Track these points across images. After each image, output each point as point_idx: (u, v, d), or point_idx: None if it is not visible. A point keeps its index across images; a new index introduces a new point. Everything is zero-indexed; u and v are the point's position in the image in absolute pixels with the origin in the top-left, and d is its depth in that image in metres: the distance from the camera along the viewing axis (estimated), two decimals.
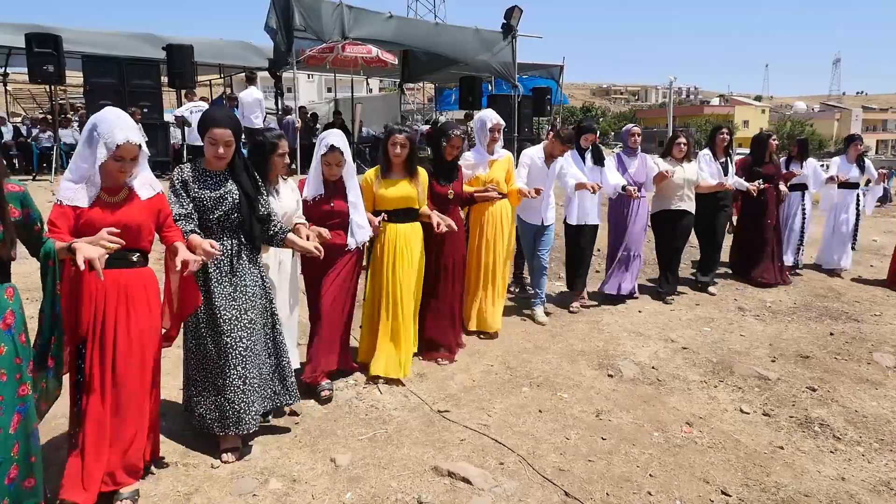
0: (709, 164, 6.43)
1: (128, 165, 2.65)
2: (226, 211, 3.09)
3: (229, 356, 3.11)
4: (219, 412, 3.14)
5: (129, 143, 2.60)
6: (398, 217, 4.22)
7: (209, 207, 3.07)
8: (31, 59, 9.28)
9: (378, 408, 3.83)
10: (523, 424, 3.66)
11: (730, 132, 6.58)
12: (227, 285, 3.12)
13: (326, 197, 3.89)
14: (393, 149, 4.13)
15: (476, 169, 4.95)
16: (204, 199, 3.07)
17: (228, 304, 3.12)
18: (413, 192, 4.21)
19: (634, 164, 6.04)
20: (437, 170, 4.56)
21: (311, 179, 3.90)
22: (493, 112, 5.10)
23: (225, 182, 3.12)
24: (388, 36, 11.65)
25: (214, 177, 3.12)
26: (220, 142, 3.02)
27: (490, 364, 4.57)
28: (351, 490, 2.96)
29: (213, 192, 3.08)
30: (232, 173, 3.15)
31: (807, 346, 5.12)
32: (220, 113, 3.19)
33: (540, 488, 3.02)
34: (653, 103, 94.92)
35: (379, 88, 45.88)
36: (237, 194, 3.12)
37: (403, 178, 4.20)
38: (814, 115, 69.99)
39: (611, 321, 5.62)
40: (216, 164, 3.10)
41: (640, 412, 3.87)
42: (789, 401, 4.10)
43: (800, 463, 3.33)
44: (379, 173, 4.22)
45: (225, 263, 3.12)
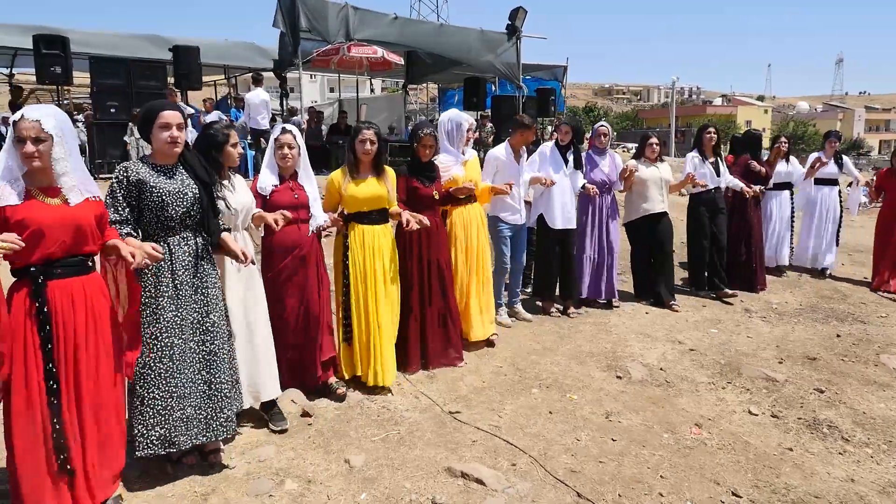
0: (697, 165, 6.31)
1: (29, 146, 2.39)
2: (187, 206, 2.92)
3: (195, 361, 2.97)
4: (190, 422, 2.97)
5: (24, 120, 2.39)
6: (370, 219, 4.09)
7: (170, 204, 2.86)
8: (38, 61, 9.35)
9: (390, 409, 3.86)
10: (534, 426, 3.69)
11: (716, 130, 6.46)
12: (188, 287, 2.95)
13: (287, 189, 3.77)
14: (361, 146, 4.00)
15: (451, 170, 4.78)
16: (164, 196, 2.85)
17: (191, 309, 2.96)
18: (383, 190, 4.08)
19: (605, 163, 5.97)
20: (416, 172, 4.46)
21: (265, 171, 3.79)
22: (465, 114, 5.03)
23: (180, 175, 2.95)
24: (392, 37, 11.68)
25: (168, 171, 2.92)
26: (174, 123, 2.84)
27: (499, 365, 4.60)
28: (366, 491, 2.99)
29: (173, 188, 2.89)
30: (184, 165, 2.98)
31: (814, 347, 5.15)
32: (161, 100, 3.13)
33: (552, 489, 3.05)
34: (655, 103, 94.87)
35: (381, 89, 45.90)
36: (196, 187, 2.96)
37: (372, 176, 4.08)
38: (816, 115, 69.84)
39: (618, 323, 5.65)
40: (168, 153, 2.90)
41: (650, 413, 3.90)
42: (797, 402, 4.13)
43: (809, 464, 3.36)
44: (346, 173, 4.07)
45: (189, 263, 2.95)
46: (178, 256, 2.92)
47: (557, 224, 5.60)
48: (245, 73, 15.91)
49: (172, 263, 2.91)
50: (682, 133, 32.55)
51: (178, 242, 2.93)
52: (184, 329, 2.94)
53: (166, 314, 2.89)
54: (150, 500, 2.86)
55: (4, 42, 12.12)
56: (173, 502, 2.86)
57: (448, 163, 4.75)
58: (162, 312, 2.88)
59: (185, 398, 2.93)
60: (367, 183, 4.06)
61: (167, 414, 2.88)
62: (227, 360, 3.10)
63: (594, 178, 5.83)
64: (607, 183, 5.91)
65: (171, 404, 2.89)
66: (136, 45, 13.08)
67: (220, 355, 3.06)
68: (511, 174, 5.19)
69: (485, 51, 12.90)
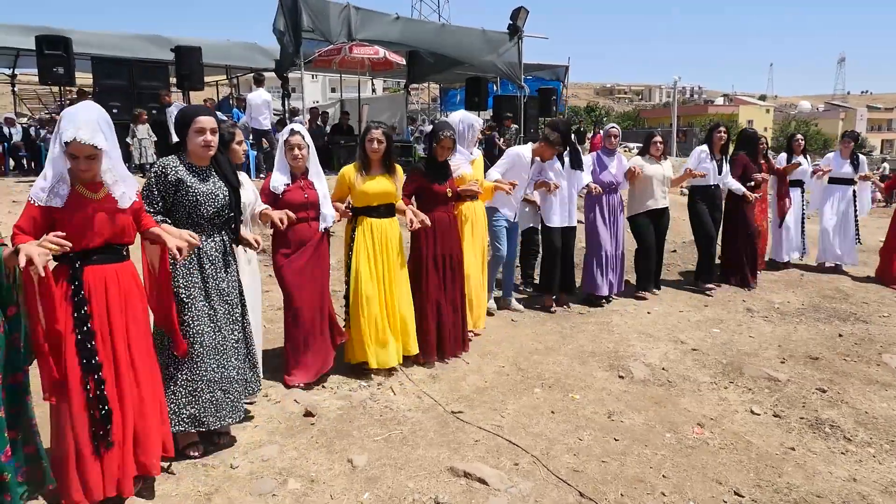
0: (703, 160, 6.50)
1: (83, 164, 2.53)
2: (218, 207, 3.11)
3: (227, 348, 3.18)
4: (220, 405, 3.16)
5: (76, 142, 2.47)
6: (378, 213, 4.31)
7: (203, 203, 3.06)
8: (41, 61, 9.38)
9: (392, 409, 3.87)
10: (536, 425, 3.70)
11: (727, 131, 6.63)
12: (221, 281, 3.17)
13: (298, 188, 3.98)
14: (370, 144, 4.21)
15: (460, 168, 4.97)
16: (199, 196, 3.05)
17: (222, 301, 3.17)
18: (392, 187, 4.30)
19: (614, 164, 6.14)
20: (431, 170, 4.63)
21: (278, 170, 4.01)
22: (475, 116, 5.27)
23: (213, 177, 3.14)
24: (394, 37, 11.71)
25: (202, 172, 3.11)
26: (208, 128, 3.02)
27: (502, 365, 4.61)
28: (368, 490, 3.00)
29: (206, 188, 3.08)
30: (216, 167, 3.16)
31: (816, 347, 5.15)
32: (197, 105, 3.34)
33: (555, 489, 3.06)
34: (657, 103, 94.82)
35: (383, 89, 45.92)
36: (226, 189, 3.15)
37: (382, 173, 4.28)
38: (818, 114, 69.76)
39: (620, 322, 5.65)
40: (203, 156, 3.08)
41: (652, 413, 3.91)
42: (799, 402, 4.13)
43: (811, 464, 3.37)
44: (359, 169, 4.28)
45: (219, 259, 3.16)
46: (206, 251, 3.12)
47: (554, 222, 5.77)
48: (247, 73, 15.96)
49: (200, 258, 3.10)
50: (683, 133, 32.54)
51: (205, 239, 3.12)
52: (213, 318, 3.14)
53: (197, 304, 3.09)
54: (155, 500, 2.86)
55: (7, 43, 12.18)
56: (177, 501, 2.87)
57: (458, 161, 4.94)
58: (193, 302, 3.09)
59: (215, 382, 3.13)
60: (377, 179, 4.25)
61: (198, 395, 3.09)
62: (250, 348, 3.36)
63: (603, 180, 5.99)
64: (615, 184, 6.09)
65: (202, 387, 3.10)
66: (138, 46, 13.14)
67: (246, 344, 3.33)
68: (522, 174, 5.45)
69: (486, 51, 12.92)
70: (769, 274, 7.46)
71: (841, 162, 7.60)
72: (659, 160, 6.40)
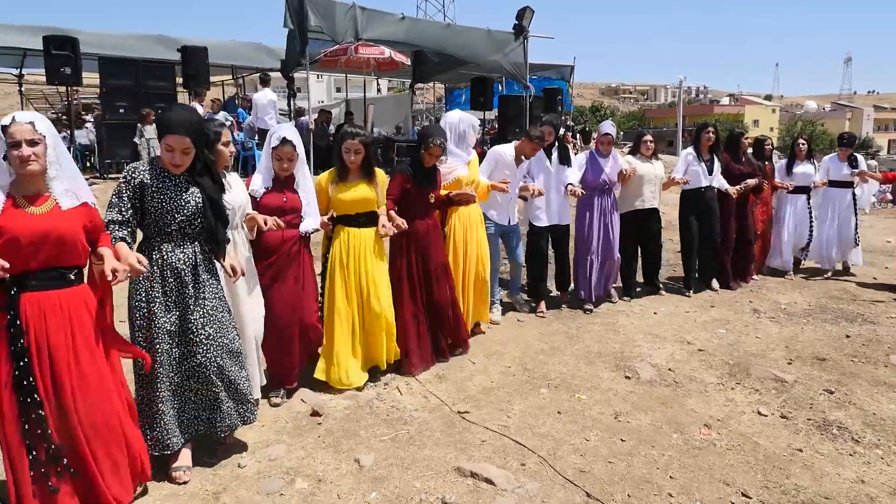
0: (690, 163, 6.38)
1: (25, 149, 2.33)
2: (188, 216, 2.88)
3: (182, 371, 2.95)
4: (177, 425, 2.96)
5: (16, 123, 2.32)
6: (356, 222, 4.09)
7: (170, 211, 2.83)
8: (48, 61, 9.42)
9: (399, 408, 3.88)
10: (543, 425, 3.70)
11: (716, 131, 6.48)
12: (188, 296, 2.91)
13: (278, 191, 3.76)
14: (347, 156, 4.00)
15: (456, 171, 4.80)
16: (164, 203, 2.82)
17: (188, 317, 2.92)
18: (371, 194, 4.07)
19: (608, 164, 5.95)
20: (416, 175, 4.39)
21: (261, 174, 3.79)
22: (472, 117, 5.08)
23: (186, 185, 2.90)
24: (400, 37, 11.70)
25: (174, 179, 2.88)
26: (177, 149, 2.78)
27: (508, 365, 4.61)
28: (375, 490, 3.00)
29: (175, 196, 2.85)
30: (193, 175, 2.92)
31: (823, 348, 5.13)
32: (178, 115, 2.83)
33: (562, 489, 3.06)
34: (662, 103, 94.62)
35: (388, 88, 46.04)
36: (200, 198, 2.91)
37: (361, 180, 4.06)
38: (825, 114, 69.54)
39: (626, 323, 5.64)
40: (171, 169, 2.87)
41: (659, 414, 3.90)
42: (807, 403, 4.12)
43: (819, 465, 3.36)
44: (335, 176, 4.07)
45: (187, 272, 2.90)
46: (171, 263, 2.87)
47: (541, 221, 5.69)
48: (252, 73, 16.00)
49: (164, 270, 2.87)
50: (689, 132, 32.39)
51: (172, 250, 2.88)
52: (174, 335, 2.91)
53: (157, 320, 2.86)
54: (162, 499, 2.88)
55: (15, 43, 12.23)
56: (185, 500, 2.88)
57: (454, 163, 4.78)
58: (153, 318, 2.86)
59: (175, 403, 2.95)
60: (355, 187, 4.04)
61: (159, 417, 2.91)
62: (232, 369, 3.05)
63: (597, 180, 5.84)
64: (608, 184, 5.93)
65: (161, 408, 2.90)
66: (145, 46, 13.18)
67: (211, 366, 2.97)
68: (509, 175, 5.24)
69: (492, 50, 12.90)
70: (774, 277, 7.37)
71: (839, 165, 7.40)
72: (650, 159, 6.26)
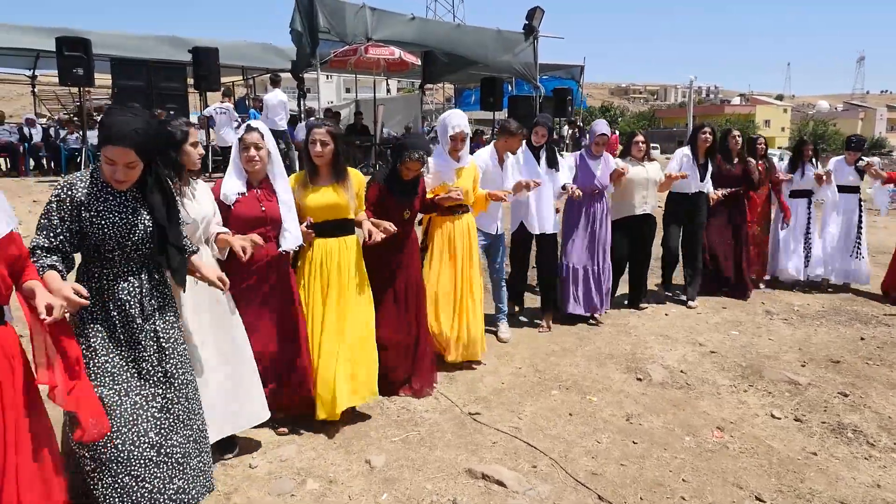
0: (684, 164, 6.04)
1: None
2: (135, 242, 2.37)
3: (138, 420, 2.37)
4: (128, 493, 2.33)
5: None
6: (327, 231, 3.57)
7: (112, 236, 2.31)
8: (61, 63, 9.47)
9: (409, 409, 3.87)
10: (554, 427, 3.68)
11: (713, 132, 6.12)
12: (135, 332, 2.40)
13: (254, 199, 3.28)
14: (313, 147, 3.48)
15: (441, 178, 4.35)
16: (105, 227, 2.30)
17: (136, 356, 2.41)
18: (342, 199, 3.55)
19: (600, 167, 5.50)
20: (391, 186, 3.97)
21: (230, 177, 3.29)
22: (460, 115, 4.46)
23: (133, 205, 2.37)
24: (409, 37, 11.72)
25: (118, 197, 2.35)
26: (119, 163, 2.25)
27: (518, 367, 4.59)
28: (387, 491, 3.00)
29: (119, 218, 2.32)
30: (142, 192, 2.39)
31: (837, 350, 5.08)
32: (120, 123, 2.24)
33: (573, 492, 3.04)
34: (672, 103, 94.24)
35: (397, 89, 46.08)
36: (148, 222, 2.39)
37: (331, 183, 3.55)
38: (837, 114, 69.07)
39: (637, 324, 5.61)
40: (117, 186, 2.34)
41: (671, 416, 3.88)
42: (821, 406, 4.08)
43: (834, 469, 3.32)
44: (303, 179, 3.58)
45: (135, 305, 2.40)
46: (114, 293, 2.37)
47: (535, 229, 5.22)
48: (263, 73, 16.04)
49: (105, 301, 2.37)
50: None
51: (115, 277, 2.37)
52: (122, 377, 2.37)
53: (98, 359, 2.34)
54: None
55: (28, 44, 12.34)
56: None
57: (438, 168, 4.37)
58: (93, 357, 2.33)
59: (119, 462, 2.32)
60: (322, 191, 3.54)
61: (100, 477, 2.32)
62: (186, 414, 2.54)
63: (586, 185, 5.38)
64: (599, 188, 5.47)
65: (100, 468, 2.32)
66: (156, 47, 13.27)
67: (177, 409, 2.50)
68: (495, 180, 4.84)
69: (502, 51, 12.90)
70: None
71: (845, 169, 6.88)
72: (642, 161, 5.81)
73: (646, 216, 5.84)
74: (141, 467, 2.35)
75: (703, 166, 6.10)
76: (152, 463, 2.37)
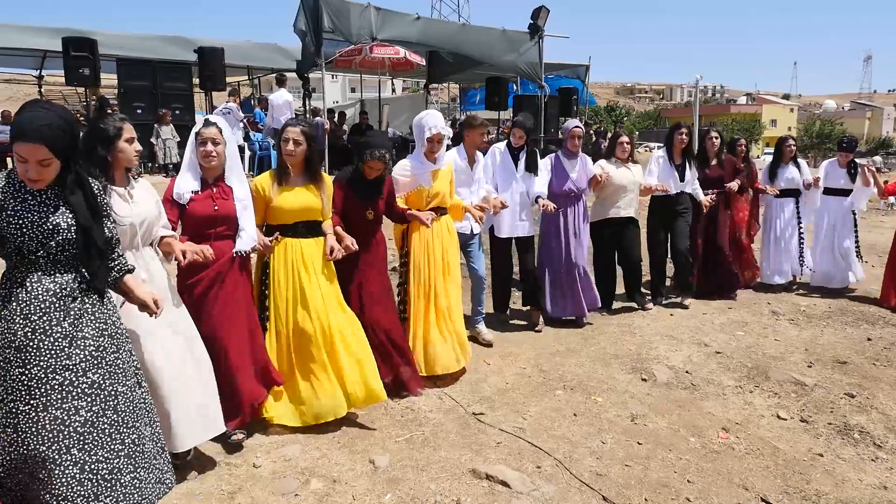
0: (662, 166, 5.92)
1: None
2: (59, 243, 2.22)
3: (60, 434, 2.15)
4: None
5: None
6: (295, 231, 3.52)
7: (33, 237, 2.17)
8: (67, 63, 9.52)
9: (413, 409, 3.87)
10: (558, 428, 3.67)
11: (689, 132, 5.97)
12: (59, 337, 2.20)
13: (208, 197, 3.15)
14: (285, 146, 3.43)
15: (416, 180, 4.20)
16: (23, 228, 2.16)
17: (59, 364, 2.19)
18: (315, 201, 3.51)
19: (576, 169, 5.36)
20: (355, 186, 3.86)
21: (184, 174, 3.17)
22: (436, 116, 4.32)
23: (55, 202, 2.23)
24: (414, 37, 11.71)
25: (37, 196, 2.21)
26: (31, 161, 2.10)
27: (523, 367, 4.58)
28: (390, 491, 2.99)
29: (36, 218, 2.18)
30: (62, 192, 2.24)
31: (843, 351, 5.05)
32: (31, 118, 2.11)
33: (578, 493, 3.03)
34: (678, 102, 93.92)
35: (402, 88, 46.12)
36: (69, 224, 2.22)
37: (304, 184, 3.52)
38: (844, 113, 68.78)
39: (642, 324, 5.59)
40: (31, 185, 2.20)
41: (676, 417, 3.86)
42: (827, 407, 4.06)
43: (840, 471, 3.30)
44: (274, 179, 3.50)
45: (55, 307, 2.21)
46: (35, 297, 2.19)
47: (503, 232, 5.12)
48: (268, 73, 16.09)
49: (23, 306, 2.19)
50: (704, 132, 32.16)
51: (39, 280, 2.21)
52: (40, 391, 2.16)
53: (13, 371, 2.16)
54: (179, 498, 2.89)
55: (34, 44, 12.39)
56: (201, 499, 2.89)
57: (414, 171, 4.21)
58: (8, 369, 2.17)
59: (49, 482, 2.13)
60: (296, 192, 3.49)
61: None
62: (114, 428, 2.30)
63: (563, 188, 5.25)
64: (575, 192, 5.32)
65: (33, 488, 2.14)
66: (162, 47, 13.31)
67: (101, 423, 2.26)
68: (465, 181, 4.72)
69: (507, 50, 12.87)
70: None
71: (837, 172, 6.64)
72: (626, 163, 5.65)
73: (629, 219, 5.70)
74: (63, 486, 2.14)
75: (681, 167, 5.96)
76: (75, 481, 2.17)
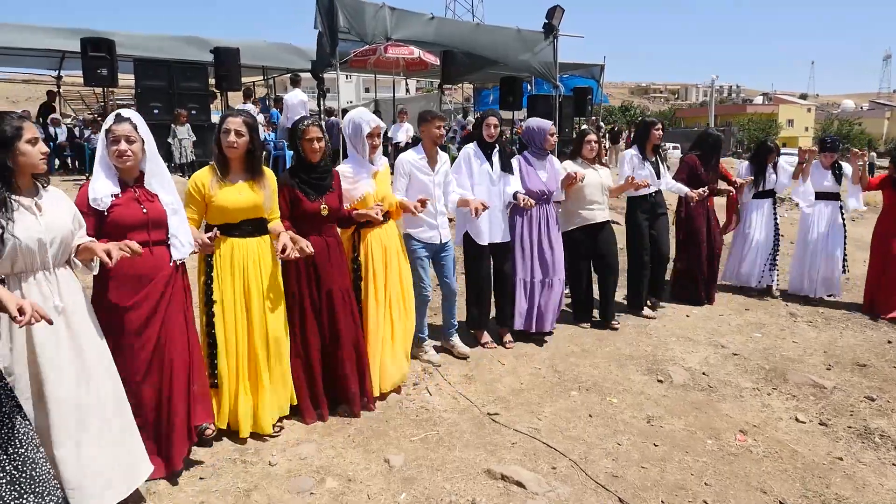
0: (636, 165, 5.59)
1: None
2: None
3: None
4: None
5: None
6: (240, 230, 3.29)
7: None
8: (86, 63, 9.60)
9: (428, 409, 3.86)
10: (574, 429, 3.65)
11: (663, 127, 5.76)
12: None
13: (132, 199, 2.81)
14: (226, 137, 3.16)
15: (360, 185, 3.84)
16: None
17: None
18: (259, 197, 3.27)
19: (545, 169, 4.97)
20: (301, 180, 3.53)
21: (98, 176, 2.79)
22: (367, 112, 3.98)
23: None
24: (429, 37, 11.71)
25: None
26: None
27: (538, 367, 4.56)
28: (405, 491, 2.99)
29: None
30: None
31: (863, 353, 4.99)
32: None
33: (594, 494, 3.01)
34: (693, 102, 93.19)
35: (416, 88, 46.18)
36: None
37: (246, 179, 3.28)
38: (862, 113, 67.81)
39: (658, 325, 5.55)
40: None
41: (692, 419, 3.83)
42: (847, 410, 4.01)
43: (861, 475, 3.26)
44: (214, 175, 3.24)
45: None
46: None
47: (484, 239, 4.68)
48: (283, 73, 16.16)
49: None
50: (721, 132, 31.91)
51: None
52: None
53: None
54: (195, 494, 2.90)
55: (54, 45, 12.54)
56: (217, 496, 2.90)
57: (357, 175, 3.86)
58: None
59: None
60: (237, 188, 3.25)
61: None
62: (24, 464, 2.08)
63: (530, 188, 4.84)
64: (546, 193, 4.92)
65: None
66: (178, 48, 13.42)
67: None
68: (426, 183, 4.34)
69: (521, 50, 12.83)
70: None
71: (822, 174, 6.36)
72: (593, 164, 5.24)
73: (604, 223, 5.29)
74: None
75: (654, 164, 5.69)
76: None
